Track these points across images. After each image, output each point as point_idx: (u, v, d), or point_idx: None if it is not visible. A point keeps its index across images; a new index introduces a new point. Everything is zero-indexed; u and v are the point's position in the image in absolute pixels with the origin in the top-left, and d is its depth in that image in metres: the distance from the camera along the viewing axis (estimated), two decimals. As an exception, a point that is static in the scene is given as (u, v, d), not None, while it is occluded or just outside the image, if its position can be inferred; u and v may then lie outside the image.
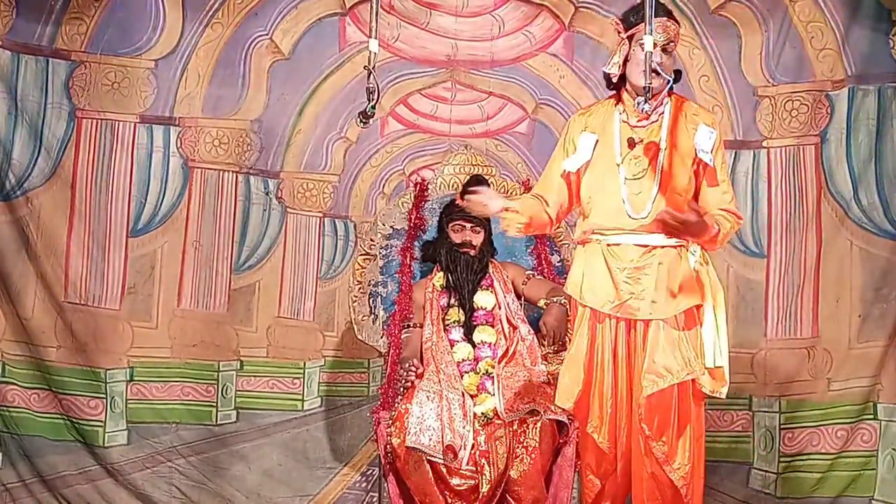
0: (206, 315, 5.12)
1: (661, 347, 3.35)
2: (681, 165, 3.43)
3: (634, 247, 3.42)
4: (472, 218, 4.27)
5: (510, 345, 4.15)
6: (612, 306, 3.41)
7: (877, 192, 4.81)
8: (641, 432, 3.36)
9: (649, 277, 3.38)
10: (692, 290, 3.38)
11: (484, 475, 3.79)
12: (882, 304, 4.75)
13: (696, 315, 3.40)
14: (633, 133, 3.47)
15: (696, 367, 3.35)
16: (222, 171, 5.17)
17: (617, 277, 3.40)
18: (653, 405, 3.35)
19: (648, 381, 3.33)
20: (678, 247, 3.41)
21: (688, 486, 3.37)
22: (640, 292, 3.38)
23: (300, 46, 5.18)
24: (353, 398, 5.14)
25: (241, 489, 5.00)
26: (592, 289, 3.46)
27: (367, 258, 4.45)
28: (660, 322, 3.37)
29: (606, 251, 3.44)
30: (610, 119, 3.52)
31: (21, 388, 4.96)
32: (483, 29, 5.20)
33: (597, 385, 3.46)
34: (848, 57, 4.86)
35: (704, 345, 3.38)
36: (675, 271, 3.39)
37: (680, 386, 3.36)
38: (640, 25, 3.41)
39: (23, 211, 4.98)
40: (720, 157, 3.48)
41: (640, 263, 3.40)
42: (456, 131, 5.22)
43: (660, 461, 3.36)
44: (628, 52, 3.46)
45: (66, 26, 5.04)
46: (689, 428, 3.38)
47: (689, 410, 3.39)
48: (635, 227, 3.41)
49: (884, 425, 4.70)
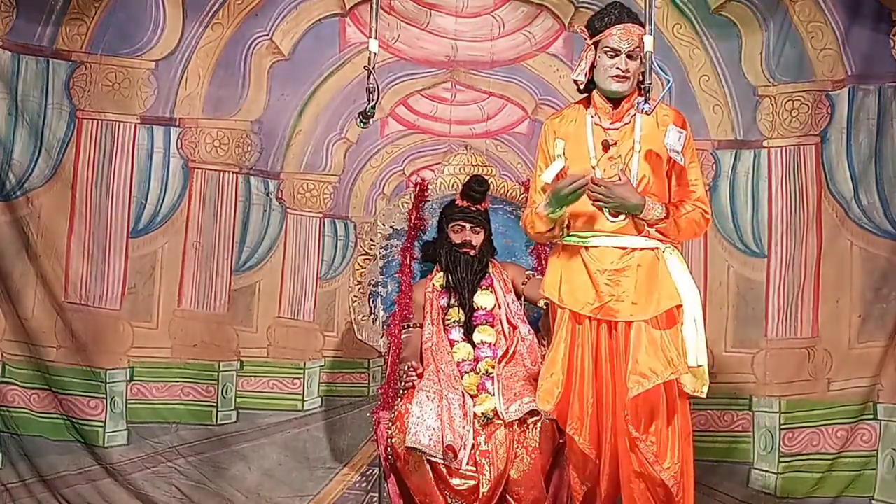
0: (207, 315, 5.12)
1: (644, 348, 3.37)
2: (655, 166, 3.48)
3: (614, 249, 3.46)
4: (472, 218, 4.28)
5: (510, 345, 4.15)
6: (593, 308, 3.43)
7: (877, 192, 4.81)
8: (628, 434, 3.37)
9: (629, 279, 3.42)
10: (671, 290, 3.40)
11: (484, 475, 3.79)
12: (882, 305, 4.75)
13: (676, 315, 3.42)
14: (607, 135, 3.50)
15: (679, 366, 3.37)
16: (223, 171, 5.17)
17: (597, 280, 3.43)
18: (639, 406, 3.37)
19: (633, 382, 3.34)
20: (655, 249, 3.45)
21: (678, 485, 3.38)
22: (621, 294, 3.41)
23: (300, 47, 5.18)
24: (353, 398, 5.14)
25: (241, 489, 5.00)
26: (572, 291, 3.49)
27: (367, 258, 4.45)
28: (641, 323, 3.39)
29: (585, 254, 3.47)
30: (582, 122, 3.55)
31: (21, 388, 4.96)
32: (483, 29, 5.20)
33: (576, 387, 3.48)
34: (848, 57, 4.86)
35: (686, 344, 3.39)
36: (653, 272, 3.42)
37: (665, 385, 3.38)
38: (605, 32, 3.47)
39: (23, 211, 4.98)
40: (689, 156, 3.53)
41: (620, 265, 3.44)
42: (456, 132, 5.22)
43: (649, 461, 3.36)
44: (594, 59, 3.50)
45: (67, 27, 5.04)
46: (676, 426, 3.40)
47: (676, 409, 3.41)
48: (614, 230, 3.44)
49: (884, 425, 4.70)
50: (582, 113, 3.58)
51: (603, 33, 3.48)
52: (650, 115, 3.44)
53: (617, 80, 3.48)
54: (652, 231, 3.47)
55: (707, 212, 3.55)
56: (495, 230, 4.42)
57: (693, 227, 3.52)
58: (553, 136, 3.59)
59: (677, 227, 3.48)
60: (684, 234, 3.53)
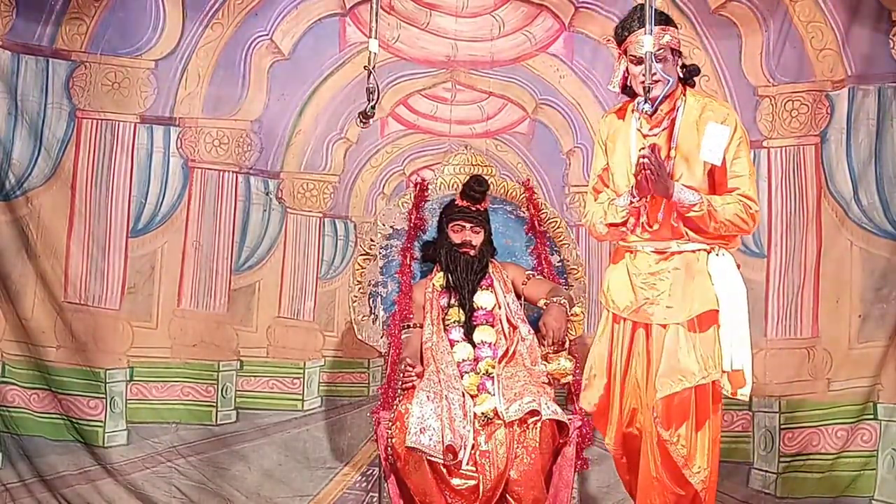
0: (206, 315, 5.11)
1: (678, 351, 3.37)
2: (692, 171, 3.44)
3: (651, 253, 3.46)
4: (472, 218, 4.28)
5: (510, 345, 4.15)
6: (630, 311, 3.45)
7: (877, 192, 4.81)
8: (658, 435, 3.37)
9: (664, 282, 3.42)
10: (707, 294, 3.39)
11: (484, 475, 3.79)
12: (882, 305, 4.75)
13: (714, 318, 3.40)
14: (646, 142, 3.48)
15: (712, 370, 3.36)
16: (222, 171, 5.17)
17: (634, 282, 3.45)
18: (670, 408, 3.36)
19: (662, 383, 3.34)
20: (696, 251, 3.44)
21: (707, 490, 3.36)
22: (656, 297, 3.41)
23: (300, 47, 5.18)
24: (353, 398, 5.13)
25: (241, 489, 5.00)
26: (615, 293, 3.52)
27: (367, 258, 4.45)
28: (677, 326, 3.39)
29: (628, 257, 3.51)
30: (628, 126, 3.55)
31: (21, 388, 4.96)
32: (483, 29, 5.20)
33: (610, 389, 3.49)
34: (848, 57, 4.87)
35: (722, 348, 3.37)
36: (690, 275, 3.41)
37: (698, 389, 3.37)
38: (628, 40, 3.47)
39: (23, 211, 4.98)
40: (733, 152, 3.43)
41: (656, 269, 3.44)
42: (456, 131, 5.22)
43: (679, 465, 3.35)
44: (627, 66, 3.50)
45: (66, 26, 5.04)
46: (707, 430, 3.39)
47: (708, 413, 3.40)
48: (651, 236, 3.44)
49: (884, 425, 4.70)
50: (629, 117, 3.58)
51: (627, 41, 3.48)
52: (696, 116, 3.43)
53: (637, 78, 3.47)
54: (691, 234, 3.43)
55: (751, 206, 3.41)
56: (495, 230, 4.42)
57: (735, 220, 3.39)
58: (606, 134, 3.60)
59: (713, 218, 3.37)
60: (725, 228, 3.41)
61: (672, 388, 3.33)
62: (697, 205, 3.36)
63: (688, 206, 3.37)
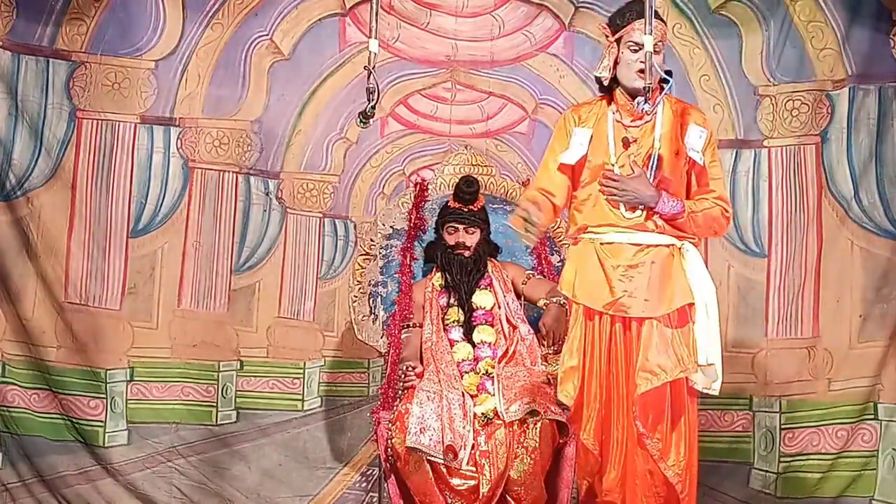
0: (207, 315, 5.12)
1: (655, 345, 3.37)
2: (674, 165, 3.47)
3: (628, 245, 3.45)
4: (465, 219, 4.28)
5: (510, 345, 4.15)
6: (605, 304, 3.43)
7: (877, 192, 4.81)
8: (636, 430, 3.38)
9: (642, 276, 3.41)
10: (684, 288, 3.40)
11: (484, 475, 3.79)
12: (883, 304, 4.75)
13: (688, 313, 3.42)
14: (627, 133, 3.50)
15: (689, 364, 3.37)
16: (222, 171, 5.17)
17: (611, 275, 3.43)
18: (647, 403, 3.37)
19: (642, 378, 3.35)
20: (671, 245, 3.44)
21: (683, 483, 3.39)
22: (633, 290, 3.40)
23: (300, 47, 5.18)
24: (353, 398, 5.13)
25: (241, 489, 5.00)
26: (586, 287, 3.48)
27: (367, 258, 4.45)
28: (653, 320, 3.39)
29: (600, 249, 3.47)
30: (604, 118, 3.54)
31: (21, 388, 4.96)
32: (483, 29, 5.20)
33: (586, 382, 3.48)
34: (848, 56, 4.86)
35: (697, 342, 3.39)
36: (667, 269, 3.41)
37: (673, 383, 3.38)
38: (628, 27, 3.48)
39: (23, 211, 4.98)
40: (710, 156, 3.51)
41: (634, 262, 3.43)
42: (456, 131, 5.22)
43: (654, 458, 3.37)
44: (617, 55, 3.50)
45: (67, 27, 5.05)
46: (683, 424, 3.40)
47: (683, 407, 3.41)
48: (629, 226, 3.44)
49: (884, 425, 4.70)
50: (604, 109, 3.57)
51: (625, 28, 3.48)
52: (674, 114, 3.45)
53: (642, 74, 3.46)
54: (668, 227, 3.45)
55: (728, 210, 3.52)
56: (495, 230, 4.41)
57: (712, 223, 3.49)
58: (574, 123, 3.58)
59: (695, 223, 3.45)
60: (702, 231, 3.51)
61: (651, 383, 3.34)
62: (679, 215, 3.43)
63: (671, 215, 3.43)
